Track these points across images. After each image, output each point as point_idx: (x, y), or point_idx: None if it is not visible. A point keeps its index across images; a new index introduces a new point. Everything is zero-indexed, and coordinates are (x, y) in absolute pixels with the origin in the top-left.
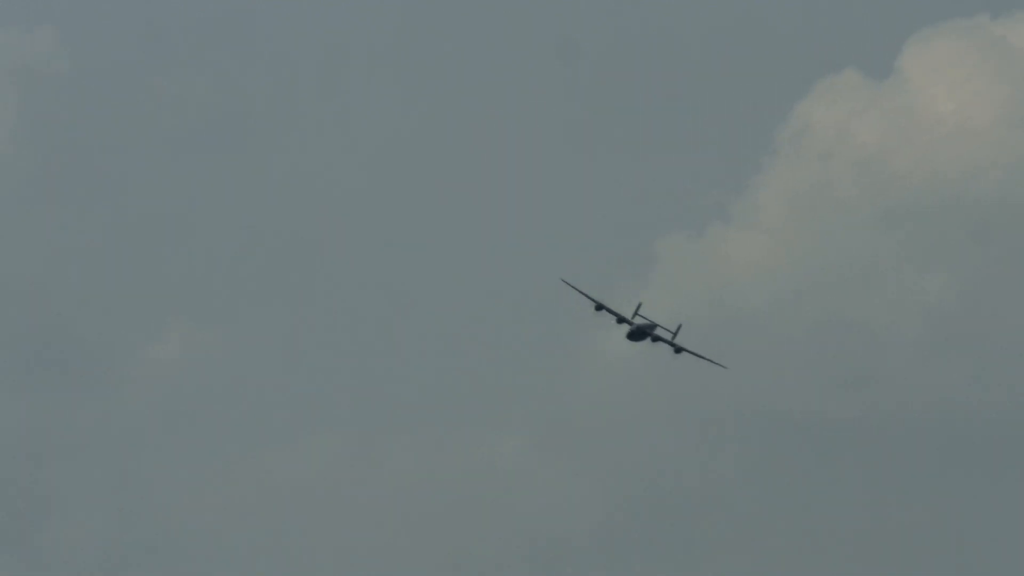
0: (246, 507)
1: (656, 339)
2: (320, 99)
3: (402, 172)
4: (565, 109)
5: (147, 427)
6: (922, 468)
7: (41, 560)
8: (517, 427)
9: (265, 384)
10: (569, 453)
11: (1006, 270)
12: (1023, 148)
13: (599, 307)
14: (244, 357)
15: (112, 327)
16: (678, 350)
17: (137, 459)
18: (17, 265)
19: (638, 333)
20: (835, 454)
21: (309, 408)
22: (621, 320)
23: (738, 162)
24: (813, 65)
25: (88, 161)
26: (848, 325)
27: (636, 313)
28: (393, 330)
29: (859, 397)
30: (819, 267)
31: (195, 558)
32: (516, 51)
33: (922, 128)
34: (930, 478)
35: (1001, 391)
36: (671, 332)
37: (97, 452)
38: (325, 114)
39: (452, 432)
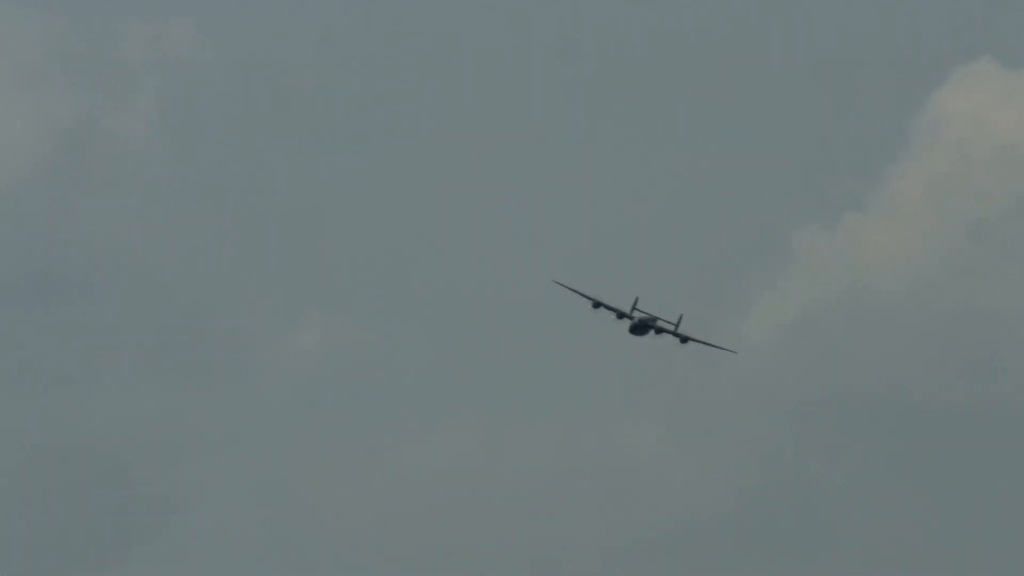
0: (381, 497)
1: (660, 331)
2: (454, 95)
3: (542, 169)
4: (705, 100)
5: (285, 419)
6: None
7: (180, 555)
8: (642, 417)
9: (399, 375)
10: (696, 443)
11: None
12: None
13: (596, 304)
14: (378, 348)
15: (249, 319)
16: (684, 340)
17: (275, 451)
18: (155, 257)
19: (641, 327)
20: (969, 444)
21: (443, 398)
22: (621, 315)
23: (874, 152)
24: (949, 54)
25: (225, 153)
26: (984, 314)
27: (634, 307)
28: (524, 320)
29: (994, 387)
30: (954, 255)
31: (331, 550)
32: (671, 44)
33: None
34: None
35: None
36: (672, 323)
37: (235, 445)
38: (458, 110)
39: (580, 422)
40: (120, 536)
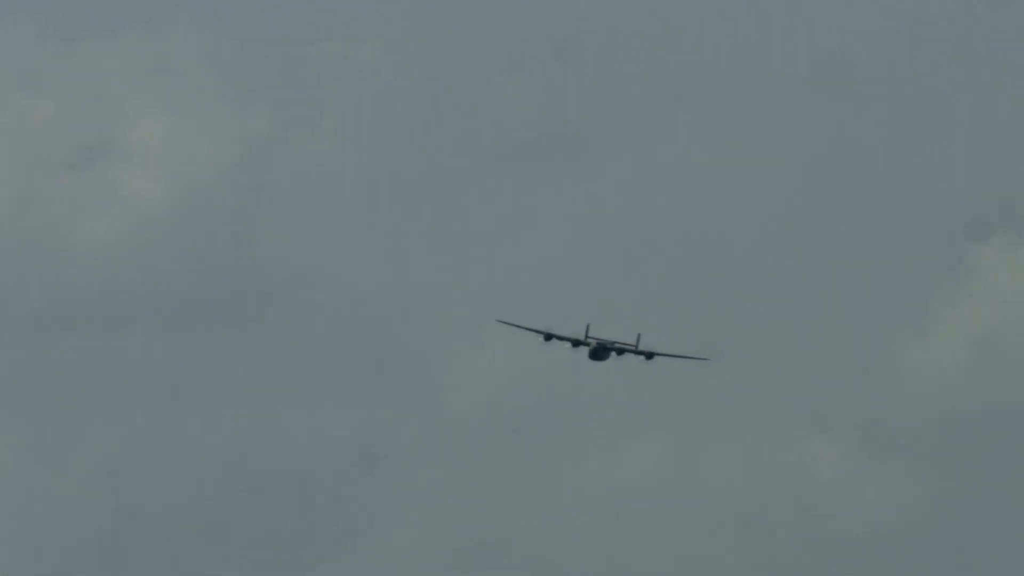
0: (568, 511)
1: (621, 352)
2: (642, 108)
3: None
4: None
5: (471, 434)
6: None
7: (369, 572)
8: (835, 430)
9: (583, 390)
10: (886, 455)
11: None
12: None
13: (548, 337)
14: (560, 362)
15: (434, 334)
16: (650, 355)
17: (462, 466)
18: (340, 274)
19: (600, 351)
20: None
21: (627, 414)
22: (577, 343)
23: None
24: None
25: (411, 170)
26: None
27: (587, 335)
28: (714, 332)
29: None
30: None
31: (519, 562)
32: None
33: None
34: None
35: None
36: (629, 344)
37: (422, 460)
38: (646, 122)
39: (771, 435)
40: (309, 552)
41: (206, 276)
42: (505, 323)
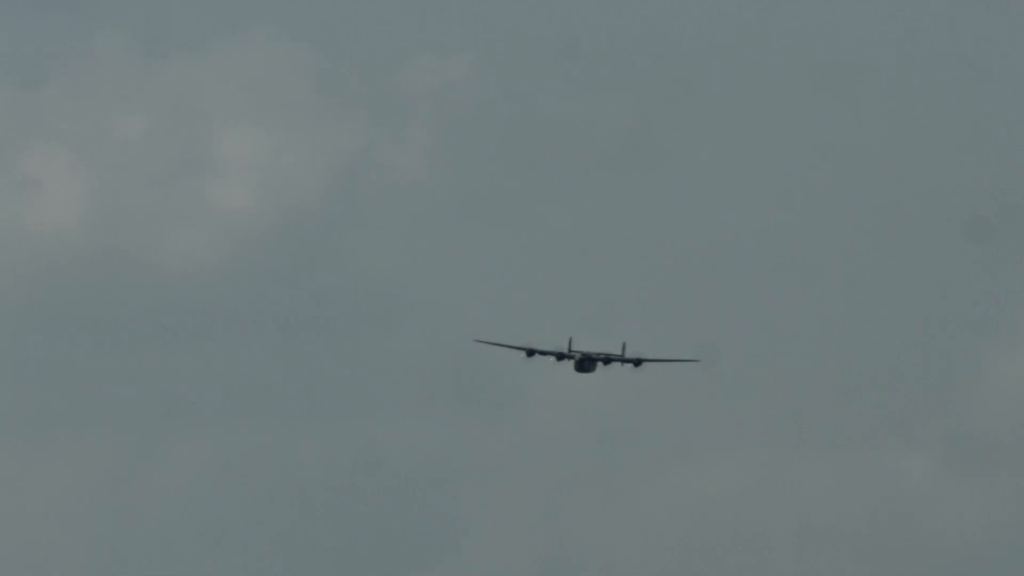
0: (657, 524)
1: (608, 361)
2: (724, 120)
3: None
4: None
5: (555, 451)
6: None
7: None
8: (923, 444)
9: (678, 405)
10: (976, 470)
11: None
12: None
13: (530, 353)
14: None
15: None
16: (638, 362)
17: (547, 481)
18: (430, 286)
19: (586, 362)
20: None
21: (726, 426)
22: (561, 357)
23: None
24: None
25: (499, 183)
26: None
27: (570, 348)
28: (801, 344)
29: None
30: None
31: None
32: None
33: None
34: None
35: None
36: (615, 354)
37: (508, 474)
38: (728, 134)
39: (861, 449)
40: (400, 563)
41: (296, 289)
42: (483, 342)
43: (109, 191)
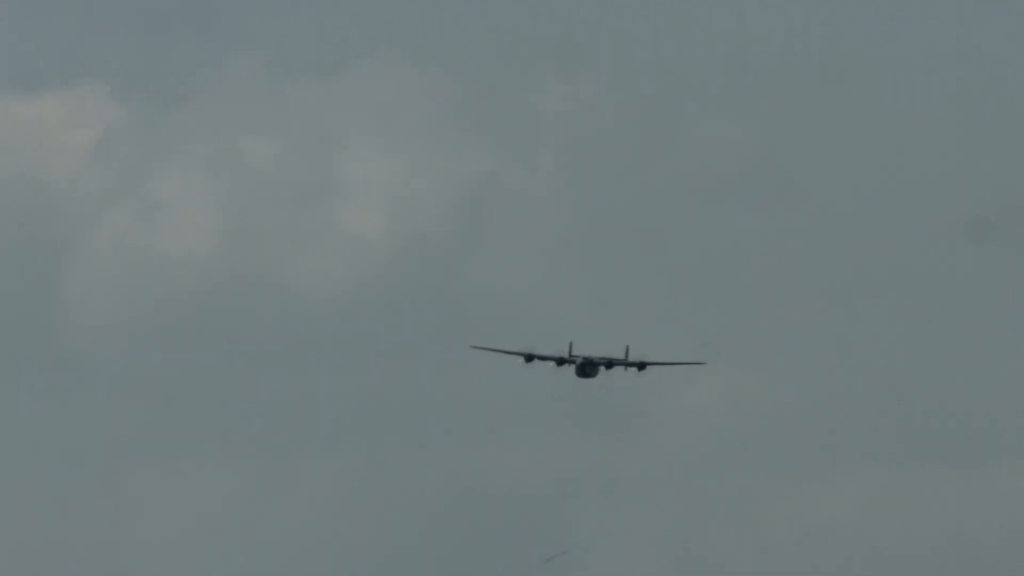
0: (786, 542)
1: (611, 365)
2: (852, 145)
3: None
4: None
5: (681, 464)
6: None
7: None
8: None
9: (804, 419)
10: None
11: None
12: None
13: (529, 358)
14: (782, 396)
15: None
16: (642, 366)
17: (668, 500)
18: (556, 308)
19: (588, 366)
20: None
21: (847, 443)
22: (562, 362)
23: None
24: None
25: (627, 206)
26: None
27: (571, 352)
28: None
29: None
30: None
31: None
32: None
33: None
34: None
35: None
36: (616, 358)
37: (635, 494)
38: (857, 160)
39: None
40: None
41: (424, 312)
42: (480, 348)
43: (239, 214)
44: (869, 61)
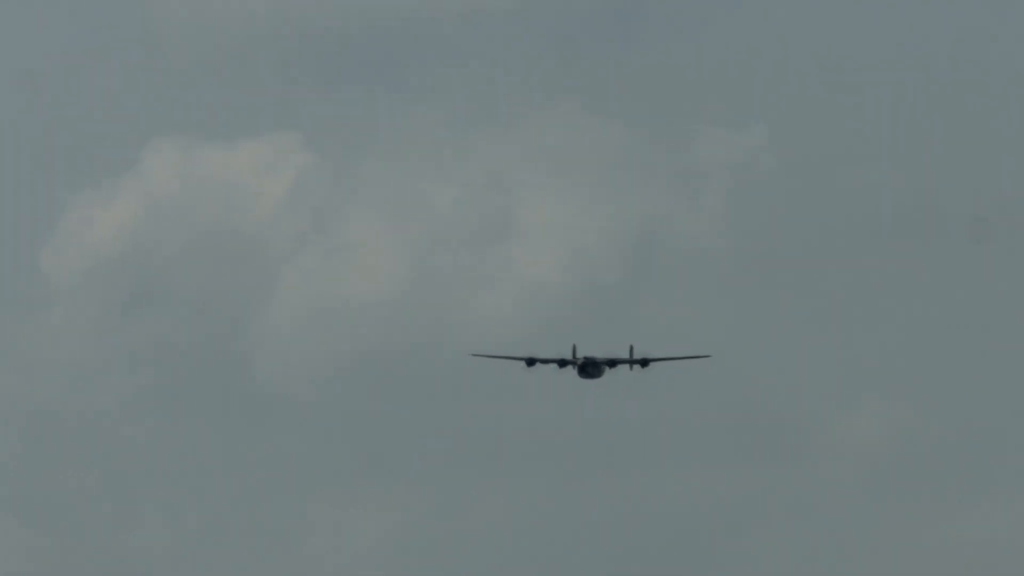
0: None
1: (614, 364)
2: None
3: None
4: None
5: (845, 502)
6: None
7: None
8: None
9: (946, 453)
10: None
11: None
12: None
13: (531, 362)
14: (938, 426)
15: (813, 402)
16: (645, 363)
17: (834, 532)
18: (724, 345)
19: (590, 365)
20: None
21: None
22: (564, 363)
23: None
24: None
25: (791, 253)
26: None
27: (574, 354)
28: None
29: None
30: None
31: None
32: None
33: None
34: None
35: None
36: (619, 357)
37: (798, 526)
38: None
39: None
40: None
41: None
42: (480, 355)
43: (422, 257)
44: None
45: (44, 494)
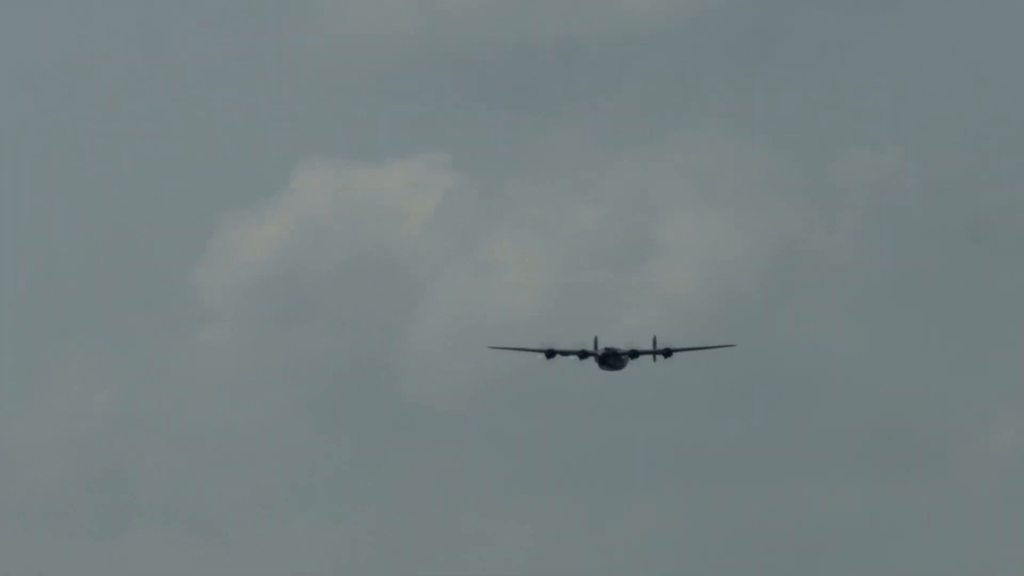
0: None
1: (635, 355)
2: None
3: None
4: None
5: (981, 517)
6: None
7: None
8: None
9: None
10: None
11: None
12: None
13: (550, 354)
14: None
15: (943, 419)
16: (668, 353)
17: (969, 549)
18: (859, 362)
19: (611, 356)
20: None
21: None
22: (584, 355)
23: None
24: None
25: (926, 274)
26: None
27: (596, 346)
28: None
29: None
30: None
31: None
32: None
33: None
34: None
35: None
36: (641, 348)
37: (931, 539)
38: None
39: None
40: None
41: (735, 366)
42: (497, 348)
43: (566, 274)
44: None
45: (201, 506)
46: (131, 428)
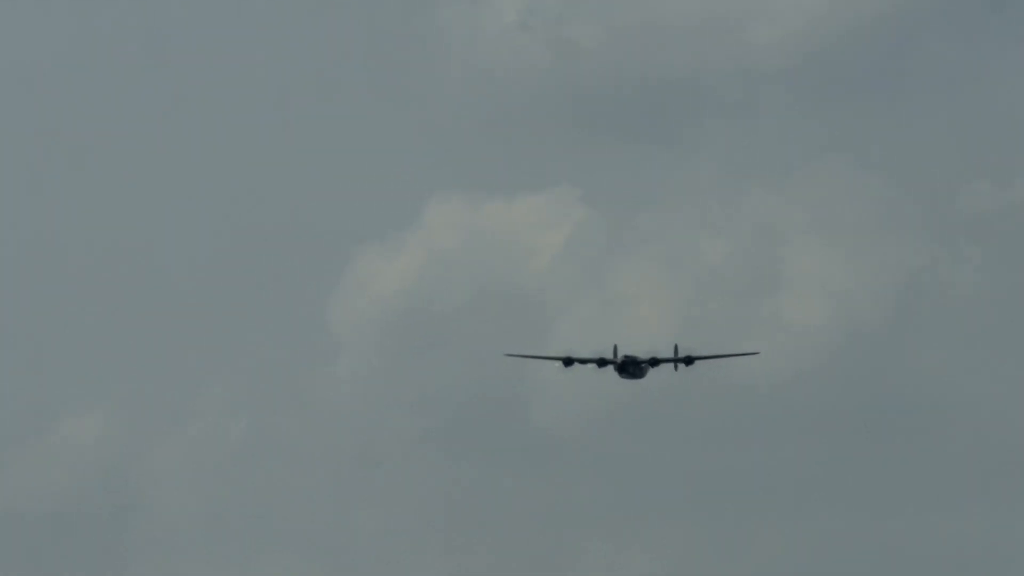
0: None
1: (656, 363)
2: None
3: None
4: None
5: None
6: None
7: None
8: None
9: None
10: None
11: None
12: None
13: (568, 362)
14: None
15: None
16: (690, 361)
17: None
18: (982, 391)
19: (631, 364)
20: None
21: None
22: (603, 363)
23: None
24: None
25: None
26: None
27: (615, 354)
28: None
29: None
30: None
31: None
32: None
33: None
34: None
35: None
36: (662, 355)
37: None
38: None
39: None
40: None
41: (864, 396)
42: (514, 355)
43: (694, 307)
44: None
45: (332, 536)
46: (265, 458)
